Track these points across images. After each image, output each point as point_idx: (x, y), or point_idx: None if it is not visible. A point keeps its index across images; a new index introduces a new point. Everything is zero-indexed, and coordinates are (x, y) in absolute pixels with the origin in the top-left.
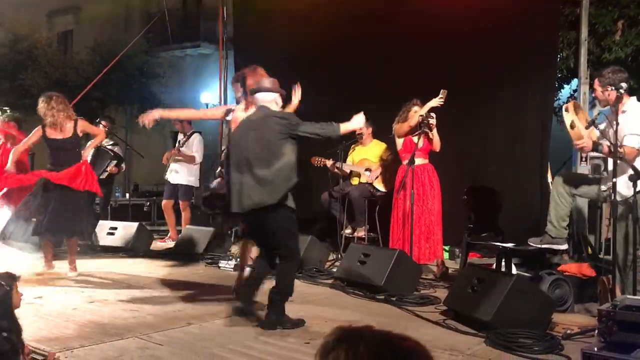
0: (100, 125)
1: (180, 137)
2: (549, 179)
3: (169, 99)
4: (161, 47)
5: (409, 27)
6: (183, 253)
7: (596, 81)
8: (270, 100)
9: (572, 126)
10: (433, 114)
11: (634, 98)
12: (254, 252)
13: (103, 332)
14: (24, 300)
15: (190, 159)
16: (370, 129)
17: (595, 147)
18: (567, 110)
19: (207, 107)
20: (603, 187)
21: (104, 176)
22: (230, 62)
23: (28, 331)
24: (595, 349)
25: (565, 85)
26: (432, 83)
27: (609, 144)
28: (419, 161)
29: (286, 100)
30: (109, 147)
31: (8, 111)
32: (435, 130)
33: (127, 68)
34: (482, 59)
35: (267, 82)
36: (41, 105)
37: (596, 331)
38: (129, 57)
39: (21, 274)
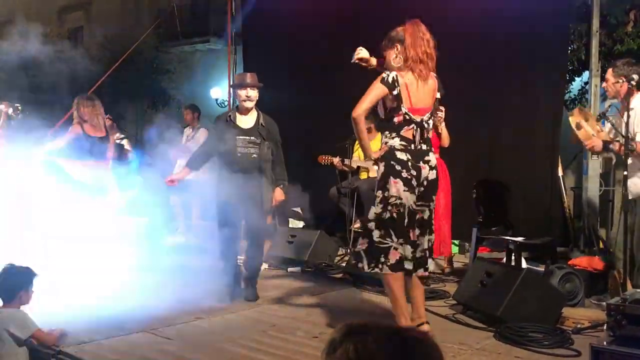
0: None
1: (188, 131)
2: (560, 173)
3: (179, 95)
4: (171, 43)
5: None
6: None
7: (610, 71)
8: None
9: (578, 127)
10: (442, 108)
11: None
12: None
13: (113, 327)
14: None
15: None
16: (373, 124)
17: (606, 146)
18: (572, 114)
19: (216, 102)
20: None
21: None
22: (240, 58)
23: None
24: (605, 343)
25: (576, 78)
26: (440, 78)
27: (621, 141)
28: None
29: None
30: (117, 141)
31: (19, 107)
32: (443, 125)
33: (137, 64)
34: (492, 52)
35: None
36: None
37: (605, 325)
38: (139, 53)
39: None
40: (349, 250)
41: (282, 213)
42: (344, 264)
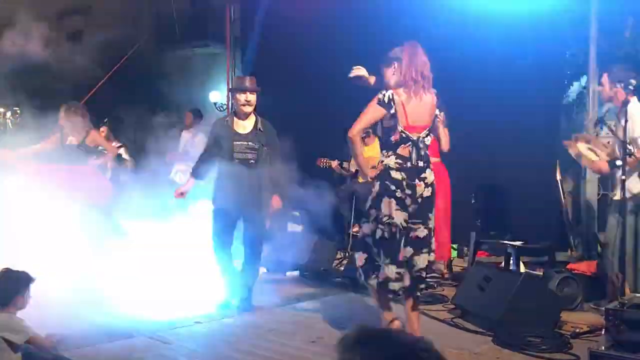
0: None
1: (186, 135)
2: (558, 177)
3: (177, 99)
4: (169, 47)
5: (417, 22)
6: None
7: (605, 76)
8: None
9: (579, 156)
10: (442, 112)
11: (635, 99)
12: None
13: (112, 331)
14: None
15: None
16: (370, 129)
17: (613, 164)
18: (569, 146)
19: (215, 106)
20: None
21: None
22: (238, 62)
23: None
24: (603, 347)
25: (574, 83)
26: (439, 82)
27: (631, 154)
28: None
29: None
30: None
31: (18, 111)
32: (442, 129)
33: (136, 68)
34: (490, 56)
35: None
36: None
37: (603, 330)
38: (137, 57)
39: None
40: (347, 254)
41: (281, 216)
42: (342, 268)
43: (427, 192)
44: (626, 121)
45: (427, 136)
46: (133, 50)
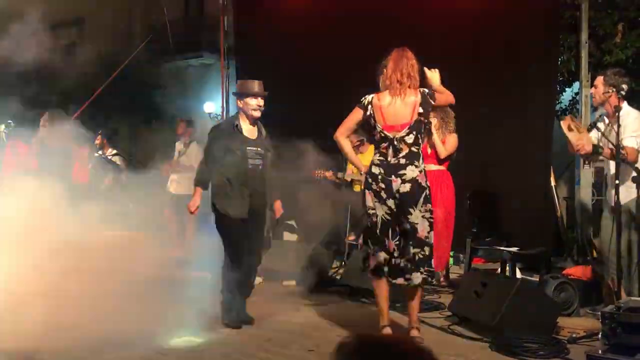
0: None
1: (179, 146)
2: (553, 183)
3: (172, 109)
4: (164, 58)
5: (410, 34)
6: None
7: (600, 79)
8: None
9: (570, 129)
10: (432, 120)
11: (625, 103)
12: None
13: (107, 343)
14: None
15: (189, 169)
16: (365, 137)
17: (596, 149)
18: (563, 119)
19: (210, 117)
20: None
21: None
22: (232, 72)
23: (29, 343)
24: (600, 351)
25: (566, 89)
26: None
27: (610, 146)
28: (428, 167)
29: None
30: (110, 157)
31: (12, 124)
32: (436, 136)
33: (130, 79)
34: (483, 64)
35: None
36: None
37: (600, 333)
38: (132, 68)
39: None
40: (343, 263)
41: (277, 225)
42: (338, 277)
43: (404, 188)
44: (619, 126)
45: (408, 135)
46: (127, 61)
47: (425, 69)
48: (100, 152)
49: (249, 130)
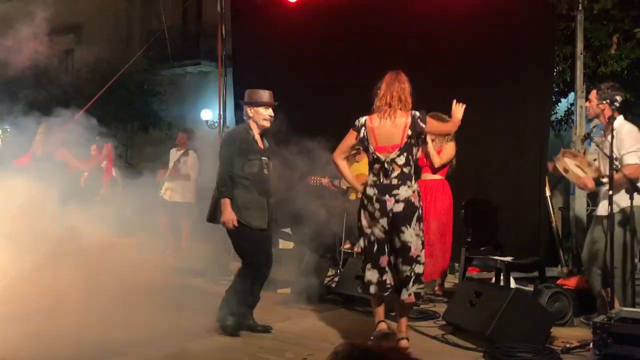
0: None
1: (175, 154)
2: (547, 193)
3: (169, 117)
4: (161, 65)
5: (407, 44)
6: None
7: (594, 92)
8: None
9: (566, 171)
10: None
11: (621, 117)
12: None
13: (102, 350)
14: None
15: (185, 178)
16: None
17: (598, 181)
18: (557, 160)
19: (207, 124)
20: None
21: None
22: (230, 80)
23: (23, 352)
24: None
25: (562, 99)
26: (430, 98)
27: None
28: (423, 177)
29: None
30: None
31: (8, 129)
32: (431, 145)
33: (127, 86)
34: (478, 74)
35: None
36: None
37: (591, 343)
38: (129, 75)
39: None
40: (338, 271)
41: (273, 233)
42: (333, 285)
43: (397, 208)
44: (612, 138)
45: (398, 156)
46: (125, 68)
47: (454, 102)
48: (105, 163)
49: (259, 139)
